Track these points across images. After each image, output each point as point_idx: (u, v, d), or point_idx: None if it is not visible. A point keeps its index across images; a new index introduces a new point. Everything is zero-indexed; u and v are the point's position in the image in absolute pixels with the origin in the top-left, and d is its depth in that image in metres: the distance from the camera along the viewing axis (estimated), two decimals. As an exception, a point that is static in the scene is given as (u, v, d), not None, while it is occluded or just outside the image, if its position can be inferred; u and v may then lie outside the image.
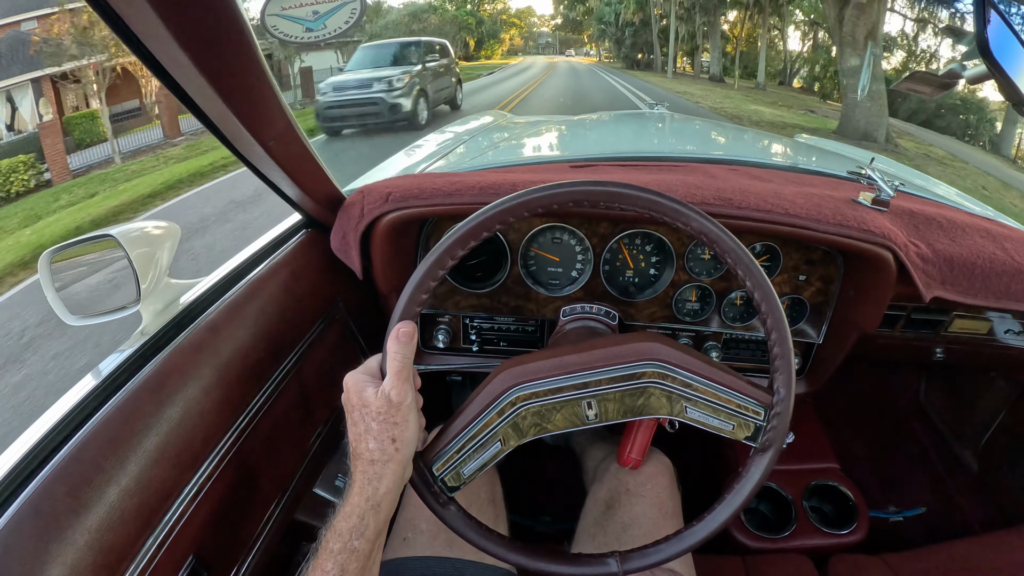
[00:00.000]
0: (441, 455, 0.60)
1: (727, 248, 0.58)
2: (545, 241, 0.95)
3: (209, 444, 0.72)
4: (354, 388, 0.57)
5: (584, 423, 0.60)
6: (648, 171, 1.03)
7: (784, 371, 0.58)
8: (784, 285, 0.96)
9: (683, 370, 0.59)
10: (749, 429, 0.59)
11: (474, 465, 0.61)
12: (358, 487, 0.55)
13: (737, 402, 0.58)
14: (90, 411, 0.64)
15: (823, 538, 1.06)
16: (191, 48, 0.51)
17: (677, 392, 0.59)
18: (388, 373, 0.57)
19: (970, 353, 1.08)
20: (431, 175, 1.00)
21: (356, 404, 0.56)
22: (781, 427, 0.58)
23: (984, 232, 0.95)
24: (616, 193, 0.58)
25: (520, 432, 0.60)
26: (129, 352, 0.72)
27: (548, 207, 0.59)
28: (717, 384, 0.58)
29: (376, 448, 0.55)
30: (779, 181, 1.03)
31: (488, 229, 0.58)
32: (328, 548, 0.53)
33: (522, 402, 0.59)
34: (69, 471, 0.57)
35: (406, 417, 0.56)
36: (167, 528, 0.63)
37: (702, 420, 0.59)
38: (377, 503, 0.54)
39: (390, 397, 0.55)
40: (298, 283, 0.91)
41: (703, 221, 0.58)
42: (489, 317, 1.01)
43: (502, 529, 0.83)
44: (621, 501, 0.84)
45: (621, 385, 0.59)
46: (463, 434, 0.60)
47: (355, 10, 0.68)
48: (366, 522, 0.54)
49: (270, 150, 0.72)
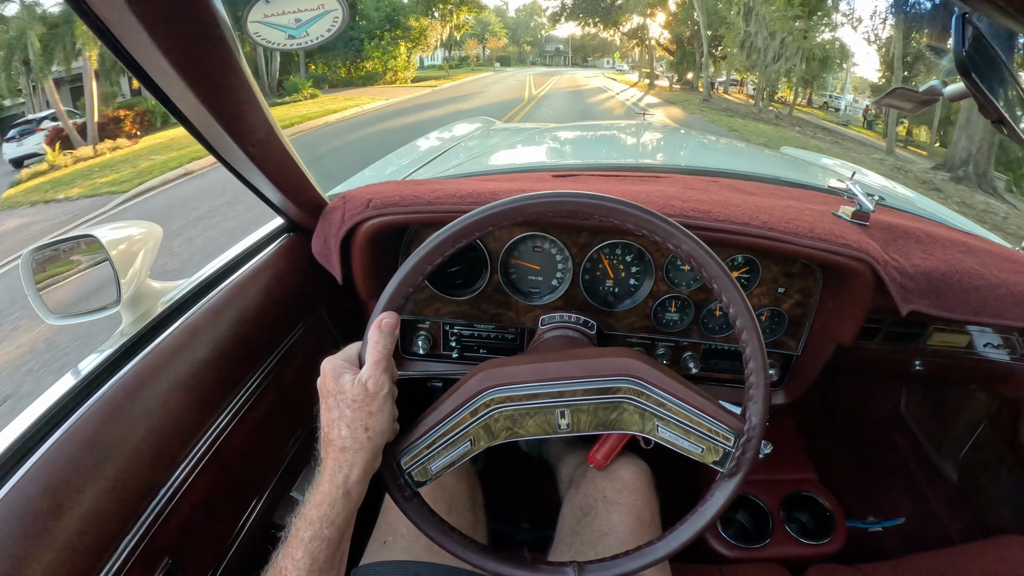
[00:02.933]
0: (410, 449, 0.60)
1: (714, 274, 0.59)
2: (526, 250, 0.95)
3: (186, 446, 0.72)
4: (331, 373, 0.57)
5: (556, 431, 0.61)
6: (629, 182, 1.04)
7: (758, 400, 0.59)
8: (763, 297, 0.97)
9: (658, 389, 0.59)
10: (718, 454, 0.59)
11: (442, 462, 0.61)
12: (329, 474, 0.54)
13: (708, 426, 0.59)
14: (68, 411, 0.64)
15: (800, 548, 1.07)
16: (173, 55, 0.52)
17: (650, 410, 0.60)
18: (367, 362, 0.56)
19: (949, 366, 1.09)
20: (413, 182, 1.01)
21: (332, 389, 0.56)
22: (749, 455, 0.59)
23: (963, 246, 0.96)
24: (611, 209, 0.58)
25: (491, 434, 0.61)
26: (108, 352, 0.73)
27: (543, 215, 0.59)
28: (690, 406, 0.59)
29: (348, 436, 0.55)
30: (761, 193, 1.03)
31: (481, 230, 0.59)
32: (299, 536, 0.52)
33: (496, 404, 0.60)
34: (46, 471, 0.57)
35: (381, 407, 0.56)
36: (143, 529, 0.63)
37: (672, 440, 0.60)
38: (348, 491, 0.54)
39: (367, 386, 0.55)
40: (279, 287, 0.92)
41: (694, 245, 0.59)
42: (469, 324, 1.01)
43: (481, 536, 0.83)
44: (598, 508, 0.83)
45: (596, 398, 0.60)
46: (434, 430, 0.60)
47: (337, 18, 0.68)
48: (336, 510, 0.53)
49: (252, 155, 0.72)
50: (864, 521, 1.28)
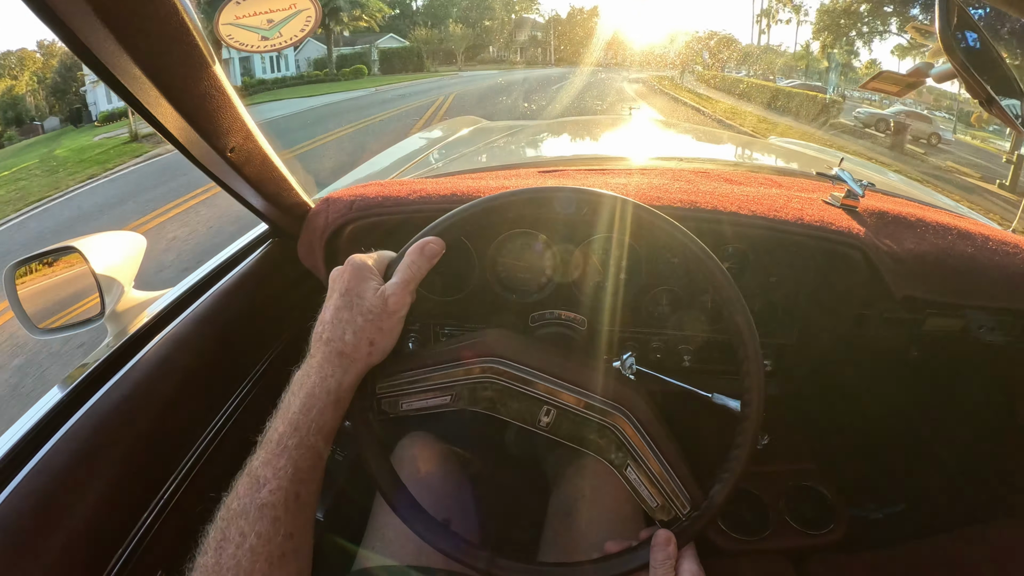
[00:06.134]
0: (391, 376, 0.58)
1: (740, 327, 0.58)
2: (513, 247, 0.94)
3: (176, 458, 0.71)
4: (355, 273, 0.53)
5: (533, 425, 0.60)
6: (617, 175, 1.03)
7: (727, 482, 0.58)
8: (754, 287, 0.96)
9: (647, 433, 0.59)
10: (669, 515, 0.59)
11: (416, 405, 0.59)
12: (320, 376, 0.51)
13: (673, 486, 0.58)
14: (55, 425, 0.63)
15: (801, 539, 1.06)
16: (143, 60, 0.51)
17: (629, 448, 0.59)
18: (396, 279, 0.54)
19: (945, 350, 1.08)
20: (397, 182, 1.00)
21: (351, 288, 0.53)
22: (693, 530, 0.59)
23: (954, 229, 0.95)
24: (639, 216, 0.58)
25: (473, 399, 0.59)
26: (94, 365, 0.72)
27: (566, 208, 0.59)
28: (667, 462, 0.58)
29: (352, 342, 0.52)
30: (749, 183, 1.03)
31: (502, 212, 0.59)
32: (283, 443, 0.48)
33: (494, 375, 0.59)
34: (35, 488, 0.56)
35: (392, 328, 0.54)
36: (135, 542, 0.62)
37: (635, 484, 0.60)
38: (338, 398, 0.51)
39: (388, 301, 0.53)
40: (265, 294, 0.91)
41: (711, 265, 0.58)
42: (458, 325, 1.00)
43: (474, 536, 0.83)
44: (578, 508, 0.82)
45: (587, 414, 0.60)
46: (425, 370, 0.58)
47: (310, 18, 0.67)
48: (325, 417, 0.50)
49: (230, 160, 0.71)
50: (863, 509, 1.27)
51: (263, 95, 24.93)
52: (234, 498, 0.48)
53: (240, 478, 0.49)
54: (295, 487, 0.48)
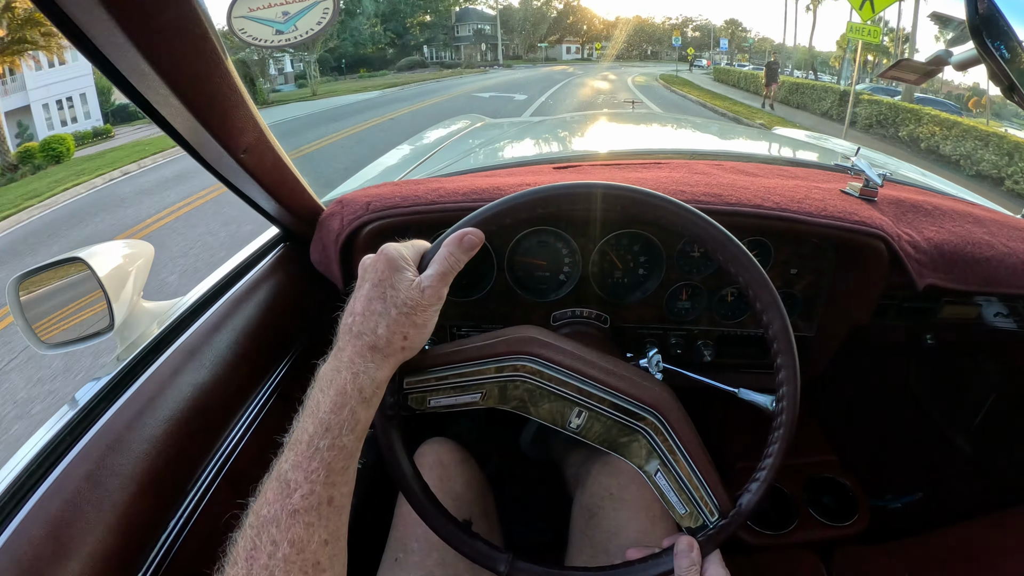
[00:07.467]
0: (420, 372, 0.56)
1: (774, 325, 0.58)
2: (531, 246, 0.92)
3: (193, 474, 0.69)
4: (389, 263, 0.50)
5: (564, 427, 0.59)
6: (633, 169, 1.01)
7: (757, 492, 0.57)
8: (776, 279, 0.95)
9: (678, 438, 0.57)
10: (696, 522, 0.58)
11: (445, 401, 0.57)
12: (351, 372, 0.48)
13: (702, 493, 0.57)
14: (67, 445, 0.60)
15: (825, 531, 1.06)
16: (152, 56, 0.48)
17: (659, 453, 0.58)
18: (432, 271, 0.51)
19: (960, 338, 1.08)
20: (412, 181, 0.97)
21: (384, 279, 0.50)
22: (720, 538, 0.57)
23: (971, 217, 0.95)
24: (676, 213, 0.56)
25: (504, 398, 0.58)
26: (105, 380, 0.69)
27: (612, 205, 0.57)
28: (697, 468, 0.57)
29: (384, 336, 0.49)
30: (765, 174, 1.01)
31: (546, 206, 0.56)
32: (314, 445, 0.46)
33: (526, 373, 0.57)
34: (47, 512, 0.53)
35: (426, 322, 0.51)
36: (153, 565, 0.60)
37: (663, 490, 0.58)
38: (368, 397, 0.48)
39: (424, 293, 0.50)
40: (278, 300, 0.88)
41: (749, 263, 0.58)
42: (477, 325, 0.98)
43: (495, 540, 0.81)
44: (604, 508, 0.80)
45: (620, 417, 0.58)
46: (455, 367, 0.56)
47: (327, 10, 0.65)
48: (357, 416, 0.47)
49: (243, 162, 0.69)
50: (883, 499, 1.27)
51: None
52: (263, 504, 0.45)
53: (268, 482, 0.46)
54: (328, 491, 0.45)
